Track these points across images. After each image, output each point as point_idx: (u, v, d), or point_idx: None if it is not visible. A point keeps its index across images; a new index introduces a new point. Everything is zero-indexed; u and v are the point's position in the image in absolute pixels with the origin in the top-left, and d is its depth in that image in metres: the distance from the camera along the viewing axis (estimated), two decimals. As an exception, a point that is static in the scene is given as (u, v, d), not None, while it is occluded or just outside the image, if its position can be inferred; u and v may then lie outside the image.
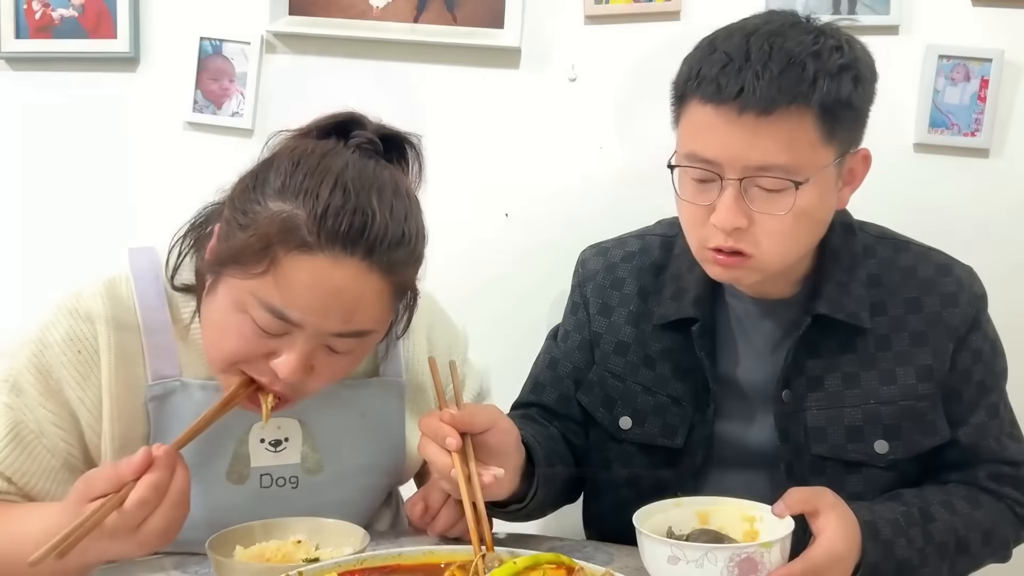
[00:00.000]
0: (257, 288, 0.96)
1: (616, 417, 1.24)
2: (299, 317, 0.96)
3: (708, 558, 0.90)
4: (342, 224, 0.94)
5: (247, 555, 1.00)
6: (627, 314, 1.26)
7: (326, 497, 1.14)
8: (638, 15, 1.87)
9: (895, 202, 1.84)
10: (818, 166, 1.05)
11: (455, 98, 1.92)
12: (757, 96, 1.00)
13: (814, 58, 1.02)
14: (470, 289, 1.93)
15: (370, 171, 1.00)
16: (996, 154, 1.83)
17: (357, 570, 0.89)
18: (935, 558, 1.08)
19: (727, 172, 1.04)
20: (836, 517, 0.97)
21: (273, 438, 1.12)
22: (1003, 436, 1.19)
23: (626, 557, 1.12)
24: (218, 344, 1.02)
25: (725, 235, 1.06)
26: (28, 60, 1.94)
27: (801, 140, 1.03)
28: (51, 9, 1.91)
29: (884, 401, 1.15)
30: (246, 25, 1.89)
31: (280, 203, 0.96)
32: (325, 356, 1.01)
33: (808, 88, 1.01)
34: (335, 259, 0.95)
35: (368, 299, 0.98)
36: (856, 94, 1.05)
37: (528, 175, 1.92)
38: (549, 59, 1.90)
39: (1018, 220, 1.83)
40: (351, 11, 1.89)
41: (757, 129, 1.02)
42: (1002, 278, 1.82)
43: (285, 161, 1.00)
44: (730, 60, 1.03)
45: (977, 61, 1.79)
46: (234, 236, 0.98)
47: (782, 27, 1.05)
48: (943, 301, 1.18)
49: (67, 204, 1.96)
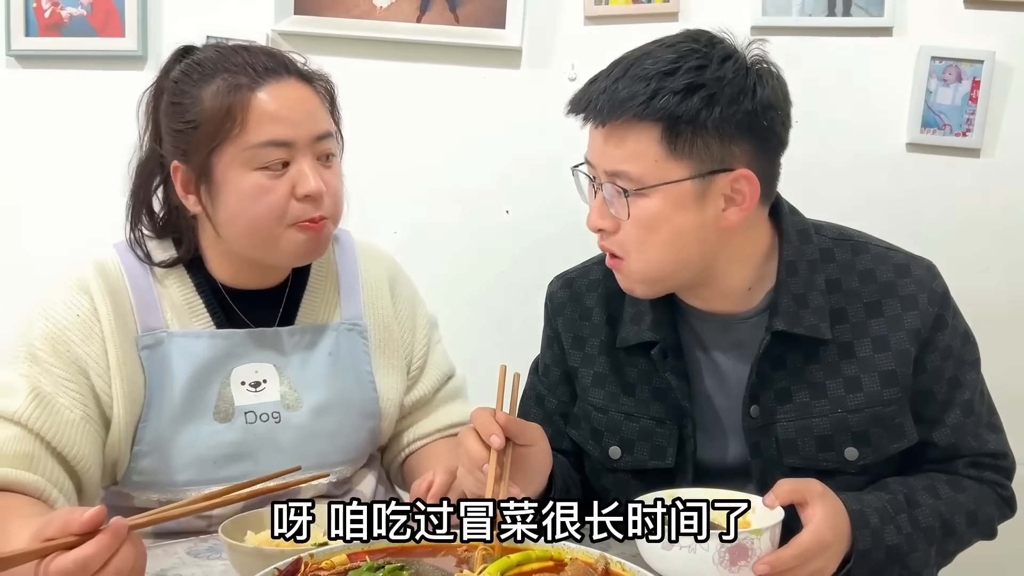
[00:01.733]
0: (246, 140, 1.14)
1: (605, 448, 1.25)
2: (287, 132, 1.15)
3: (701, 544, 0.93)
4: (260, 58, 1.18)
5: (258, 540, 1.03)
6: (599, 344, 1.28)
7: (307, 430, 1.24)
8: (637, 16, 1.91)
9: (888, 200, 1.89)
10: (663, 179, 1.07)
11: (457, 97, 1.95)
12: (597, 108, 1.09)
13: (663, 76, 1.06)
14: (472, 284, 1.96)
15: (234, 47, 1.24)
16: (987, 154, 1.87)
17: (364, 552, 0.92)
18: (923, 542, 1.11)
19: (597, 175, 1.13)
20: (824, 507, 1.00)
21: (252, 380, 1.23)
22: (981, 430, 1.20)
23: (622, 545, 1.14)
24: (255, 211, 1.16)
25: (599, 235, 1.15)
26: (37, 58, 1.97)
27: (645, 152, 1.07)
28: (60, 8, 1.94)
29: (851, 409, 1.16)
30: (252, 24, 1.92)
31: (206, 84, 1.16)
32: (323, 171, 1.19)
33: (644, 103, 1.05)
34: (277, 83, 1.17)
35: (314, 103, 1.21)
36: (707, 113, 1.05)
37: (529, 173, 1.95)
38: (550, 59, 1.93)
39: (1008, 218, 1.87)
40: (355, 11, 1.93)
41: (608, 138, 1.10)
42: (992, 274, 1.87)
43: (178, 78, 1.19)
44: (594, 80, 1.12)
45: (969, 62, 1.83)
46: (192, 134, 1.16)
47: (657, 47, 1.10)
48: (903, 304, 1.17)
49: (75, 200, 1.99)
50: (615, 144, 1.09)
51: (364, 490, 1.33)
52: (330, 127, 1.22)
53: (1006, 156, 1.86)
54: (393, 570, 0.86)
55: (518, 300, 1.91)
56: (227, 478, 1.17)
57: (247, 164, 1.15)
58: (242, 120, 1.14)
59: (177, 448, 1.18)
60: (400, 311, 1.38)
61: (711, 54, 1.08)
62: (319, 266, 1.33)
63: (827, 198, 1.38)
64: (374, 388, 1.32)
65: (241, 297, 1.25)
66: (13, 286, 1.93)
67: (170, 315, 1.22)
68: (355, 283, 1.35)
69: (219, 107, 1.14)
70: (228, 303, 1.25)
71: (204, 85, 1.16)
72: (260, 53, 1.20)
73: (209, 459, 1.19)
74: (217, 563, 1.05)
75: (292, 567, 0.87)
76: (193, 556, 1.08)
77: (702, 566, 0.94)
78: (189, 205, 1.20)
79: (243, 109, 1.14)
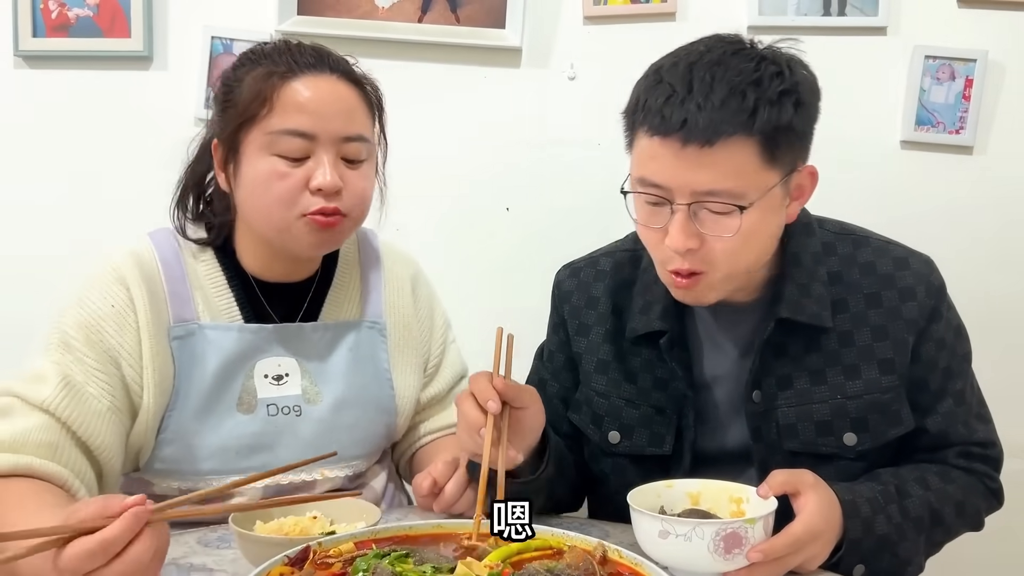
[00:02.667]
0: (270, 124, 1.18)
1: (605, 432, 1.28)
2: (310, 125, 1.18)
3: (696, 533, 0.96)
4: (306, 55, 1.21)
5: (266, 530, 1.06)
6: (604, 332, 1.31)
7: (326, 424, 1.27)
8: (635, 16, 1.93)
9: (883, 197, 1.91)
10: (762, 189, 1.07)
11: (458, 96, 1.98)
12: (700, 128, 1.03)
13: (754, 86, 1.04)
14: (473, 279, 1.99)
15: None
16: (980, 151, 1.89)
17: (371, 540, 0.95)
18: (912, 532, 1.13)
19: (676, 197, 1.07)
20: (816, 496, 1.03)
21: (275, 373, 1.26)
22: (971, 419, 1.23)
23: (621, 534, 1.17)
24: (265, 196, 1.19)
25: (680, 257, 1.10)
26: (44, 58, 1.99)
27: (745, 167, 1.05)
28: (67, 9, 1.96)
29: (850, 396, 1.19)
30: (256, 24, 1.94)
31: (252, 68, 1.21)
32: (347, 171, 1.21)
33: (749, 118, 1.03)
34: (314, 76, 1.20)
35: (352, 103, 1.22)
36: (797, 117, 1.07)
37: (528, 170, 1.98)
38: (549, 58, 1.96)
39: (1000, 214, 1.90)
40: (357, 11, 1.95)
41: (701, 159, 1.04)
42: (985, 269, 1.89)
43: (238, 60, 1.25)
44: (673, 91, 1.05)
45: (962, 61, 1.85)
46: (230, 111, 1.20)
47: (724, 56, 1.07)
48: (901, 295, 1.21)
49: (82, 198, 2.01)
50: (709, 164, 1.04)
51: (375, 486, 1.36)
52: (364, 131, 1.23)
53: (998, 153, 1.89)
54: (398, 557, 0.89)
55: (518, 296, 1.93)
56: (248, 468, 1.20)
57: (266, 148, 1.18)
58: (271, 104, 1.18)
59: (201, 438, 1.21)
60: (420, 311, 1.41)
61: (776, 57, 1.09)
62: (344, 264, 1.36)
63: (822, 194, 1.39)
64: (391, 385, 1.35)
65: (268, 290, 1.29)
66: (17, 285, 1.98)
67: (201, 307, 1.24)
68: (378, 282, 1.38)
69: (254, 89, 1.18)
70: (256, 296, 1.28)
71: (250, 70, 1.21)
72: (309, 49, 1.23)
73: (231, 449, 1.22)
74: (227, 552, 1.07)
75: (301, 555, 0.89)
76: (203, 545, 1.11)
77: (697, 555, 0.96)
78: (222, 183, 1.25)
79: (274, 94, 1.18)
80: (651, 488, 1.09)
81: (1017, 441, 1.81)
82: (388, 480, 1.39)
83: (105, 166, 2.01)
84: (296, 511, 1.10)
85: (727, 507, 1.09)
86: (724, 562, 0.97)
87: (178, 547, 1.10)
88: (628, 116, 1.14)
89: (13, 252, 2.02)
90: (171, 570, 1.01)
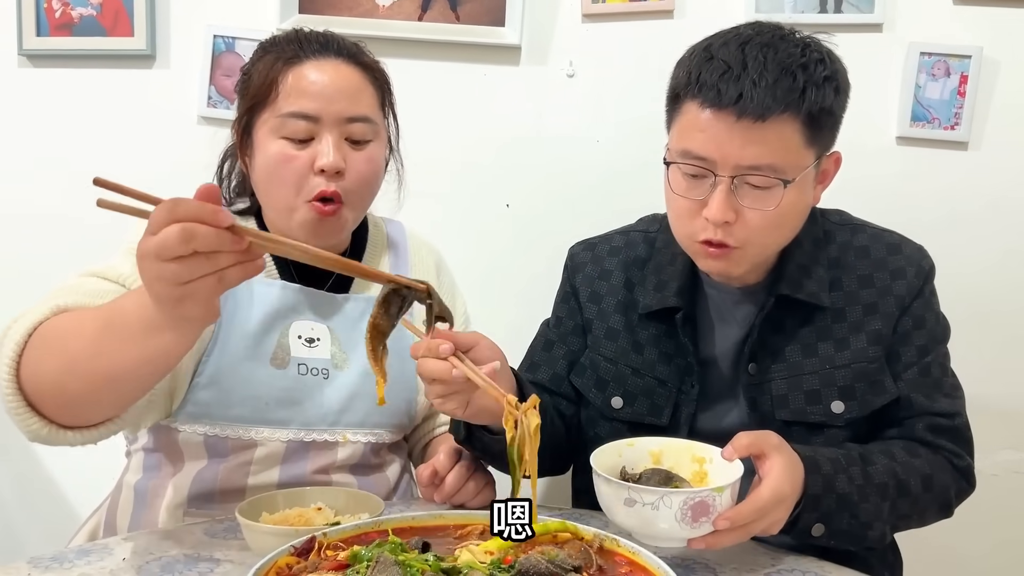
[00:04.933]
0: (277, 108, 1.24)
1: (608, 397, 1.32)
2: (313, 106, 1.23)
3: (664, 502, 0.96)
4: (312, 41, 1.27)
5: (272, 521, 1.09)
6: (615, 303, 1.35)
7: (351, 389, 1.31)
8: (633, 13, 1.94)
9: (878, 192, 1.92)
10: (801, 168, 1.14)
11: (458, 93, 1.99)
12: (754, 103, 1.09)
13: (803, 69, 1.11)
14: (473, 274, 2.00)
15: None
16: (975, 147, 1.90)
17: (375, 531, 0.97)
18: (875, 496, 1.14)
19: (720, 169, 1.12)
20: (781, 459, 1.04)
21: (308, 336, 1.31)
22: (934, 392, 1.25)
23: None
24: (275, 177, 1.24)
25: (715, 228, 1.15)
26: (48, 57, 2.01)
27: (789, 143, 1.12)
28: (70, 8, 1.98)
29: (838, 365, 1.23)
30: (257, 23, 1.96)
31: (264, 56, 1.27)
32: (351, 152, 1.26)
33: (799, 98, 1.10)
34: (318, 60, 1.25)
35: (356, 84, 1.27)
36: (836, 102, 1.15)
37: (528, 167, 2.00)
38: (548, 56, 1.97)
39: (995, 209, 1.91)
40: (358, 9, 1.97)
41: (751, 134, 1.10)
42: (979, 263, 1.91)
43: (254, 52, 1.31)
44: (729, 68, 1.11)
45: (957, 58, 1.87)
46: (245, 94, 1.27)
47: (773, 39, 1.14)
48: (893, 275, 1.27)
49: (85, 196, 2.01)
50: (759, 138, 1.10)
51: (390, 476, 1.38)
52: (368, 112, 1.27)
53: (993, 149, 1.90)
54: (398, 545, 0.91)
55: (518, 292, 1.96)
56: (275, 420, 1.26)
57: (275, 131, 1.24)
58: (277, 89, 1.23)
59: (234, 385, 1.25)
60: (443, 295, 1.42)
61: (817, 45, 1.16)
62: (373, 244, 1.43)
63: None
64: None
65: (301, 264, 1.32)
66: (20, 284, 1.97)
67: None
68: (405, 264, 1.45)
69: (263, 75, 1.25)
70: (290, 266, 1.33)
71: (264, 56, 1.28)
72: (317, 36, 1.28)
73: (262, 400, 1.26)
74: (234, 543, 1.09)
75: (307, 545, 0.92)
76: (210, 536, 1.13)
77: (663, 523, 0.96)
78: (243, 166, 1.30)
79: (280, 79, 1.24)
80: (613, 447, 1.10)
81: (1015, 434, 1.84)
82: (403, 472, 1.42)
83: (108, 163, 2.02)
84: (302, 498, 1.13)
85: (689, 467, 1.09)
86: (691, 530, 0.97)
87: (187, 538, 1.12)
88: (675, 90, 1.18)
89: (16, 250, 2.04)
90: (178, 561, 1.04)
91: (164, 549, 1.07)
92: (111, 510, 1.33)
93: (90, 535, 1.34)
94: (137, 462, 1.33)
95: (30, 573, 0.99)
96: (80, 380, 1.01)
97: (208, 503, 1.27)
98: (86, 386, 1.01)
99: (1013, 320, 1.92)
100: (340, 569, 0.86)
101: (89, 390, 1.02)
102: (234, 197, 1.39)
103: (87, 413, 1.07)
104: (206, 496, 1.27)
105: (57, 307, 1.08)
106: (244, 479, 1.26)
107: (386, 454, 1.39)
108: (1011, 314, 1.92)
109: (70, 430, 1.06)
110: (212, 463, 1.26)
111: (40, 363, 1.03)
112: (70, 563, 1.02)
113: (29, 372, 1.03)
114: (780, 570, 1.06)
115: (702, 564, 1.06)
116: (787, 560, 1.10)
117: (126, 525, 1.30)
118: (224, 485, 1.26)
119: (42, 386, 1.03)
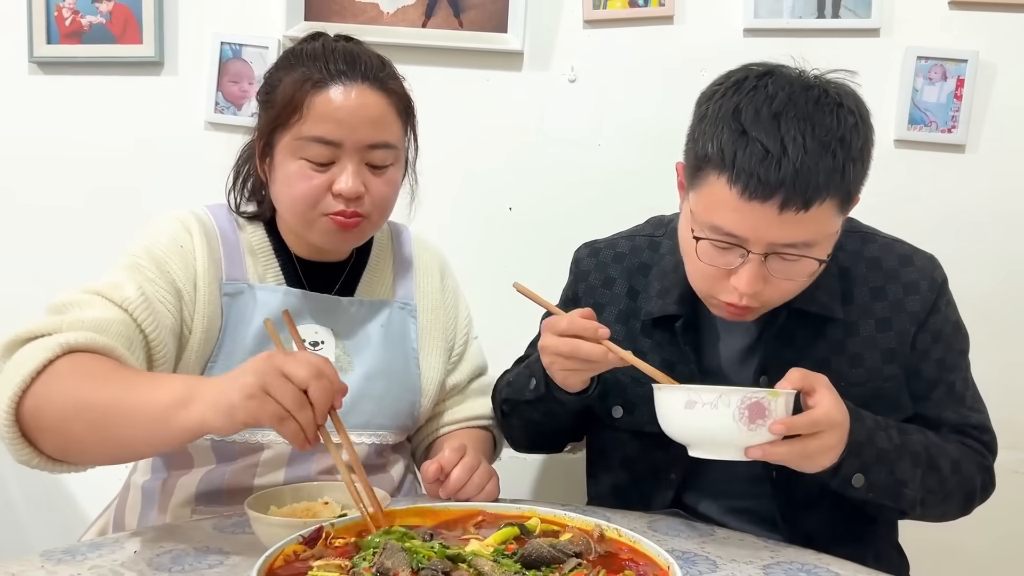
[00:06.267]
0: (300, 131, 1.23)
1: (609, 406, 1.32)
2: (336, 133, 1.23)
3: (722, 400, 0.98)
4: (339, 61, 1.25)
5: (280, 514, 1.10)
6: (617, 312, 1.35)
7: (356, 392, 1.31)
8: (634, 19, 1.96)
9: (877, 195, 1.91)
10: (832, 235, 1.12)
11: (462, 98, 2.01)
12: (798, 192, 1.02)
13: (840, 144, 1.04)
14: (477, 278, 2.01)
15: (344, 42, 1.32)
16: (972, 149, 1.92)
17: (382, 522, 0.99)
18: (908, 460, 1.14)
19: (753, 247, 1.08)
20: (831, 395, 1.04)
21: (312, 339, 1.33)
22: (963, 409, 1.26)
23: (621, 519, 1.21)
24: (291, 193, 1.26)
25: (740, 295, 1.11)
26: (58, 64, 2.03)
27: (826, 222, 1.08)
28: (80, 16, 2.00)
29: (853, 383, 1.22)
30: (264, 30, 1.98)
31: (290, 71, 1.26)
32: (371, 176, 1.26)
33: (841, 180, 1.04)
34: (344, 85, 1.24)
35: (380, 111, 1.26)
36: (869, 166, 1.10)
37: (530, 171, 2.02)
38: (550, 61, 1.99)
39: (991, 210, 1.93)
40: (363, 16, 1.99)
41: (791, 220, 1.04)
42: (977, 265, 1.92)
43: (281, 58, 1.32)
44: (767, 153, 1.02)
45: (953, 62, 1.89)
46: (269, 111, 1.27)
47: (807, 105, 1.05)
48: (905, 289, 1.25)
49: (94, 201, 2.05)
50: (798, 222, 1.05)
51: (394, 475, 1.40)
52: (390, 138, 1.27)
53: (990, 151, 1.92)
54: (403, 534, 0.93)
55: (521, 295, 1.97)
56: None
57: (295, 152, 1.24)
58: (301, 112, 1.23)
59: None
60: (447, 299, 1.48)
61: (843, 97, 1.08)
62: (378, 249, 1.44)
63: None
64: (418, 365, 1.41)
65: (307, 267, 1.36)
66: (31, 288, 1.98)
67: (251, 271, 1.32)
68: (409, 268, 1.47)
69: (289, 95, 1.24)
70: (297, 269, 1.35)
71: (289, 71, 1.26)
72: (342, 55, 1.27)
73: None
74: (243, 537, 1.11)
75: (314, 534, 0.93)
76: (219, 531, 1.14)
77: (722, 424, 0.98)
78: (262, 173, 1.32)
79: (304, 102, 1.23)
80: (674, 386, 1.09)
81: (1014, 435, 1.85)
82: (406, 472, 1.44)
83: (118, 168, 2.04)
84: (310, 493, 1.15)
85: None
86: (748, 432, 0.99)
87: (196, 533, 1.13)
88: (700, 160, 1.09)
89: (28, 255, 2.06)
90: (188, 554, 1.05)
91: (174, 543, 1.08)
92: (119, 509, 1.35)
93: (99, 534, 1.36)
94: (145, 463, 1.36)
95: (43, 565, 1.00)
96: (91, 436, 1.03)
97: (215, 502, 1.28)
98: (96, 441, 1.03)
99: (1012, 321, 1.94)
100: (347, 556, 0.88)
101: (98, 444, 1.04)
102: (248, 198, 1.40)
103: (87, 460, 1.08)
104: (213, 495, 1.28)
105: (67, 344, 1.06)
106: (250, 480, 1.28)
107: (390, 454, 1.40)
108: (1010, 315, 1.94)
109: (62, 462, 1.07)
110: (220, 466, 1.28)
111: (49, 400, 1.03)
112: (82, 556, 1.03)
113: (33, 405, 1.03)
114: (780, 562, 1.07)
115: (703, 556, 1.07)
116: (787, 552, 1.11)
117: (135, 524, 1.31)
118: (231, 485, 1.28)
119: (44, 423, 1.03)
